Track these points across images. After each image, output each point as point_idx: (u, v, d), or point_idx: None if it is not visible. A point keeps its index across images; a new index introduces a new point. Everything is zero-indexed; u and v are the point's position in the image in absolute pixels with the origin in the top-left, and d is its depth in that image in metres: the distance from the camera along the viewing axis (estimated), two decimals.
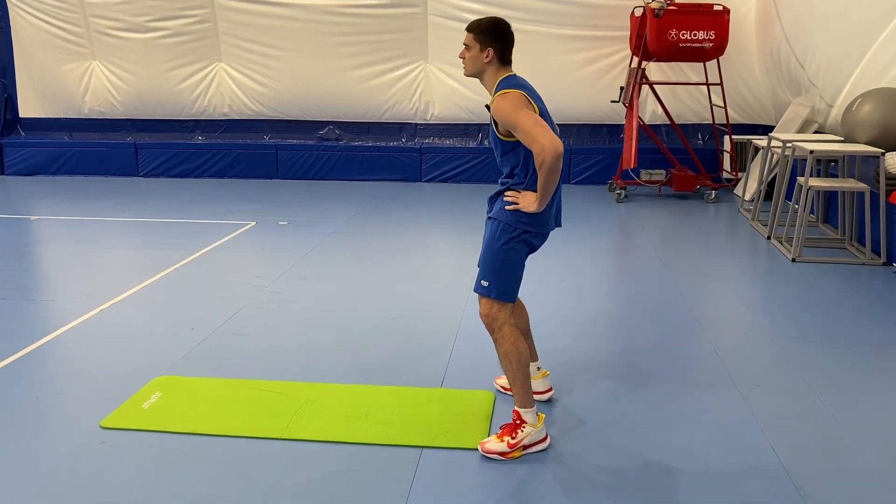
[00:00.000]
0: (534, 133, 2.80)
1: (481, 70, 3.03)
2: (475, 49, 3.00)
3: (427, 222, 7.53)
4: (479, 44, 2.99)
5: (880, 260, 5.84)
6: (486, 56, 2.99)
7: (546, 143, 2.77)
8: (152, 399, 3.57)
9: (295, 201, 8.47)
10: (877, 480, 2.92)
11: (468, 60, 3.04)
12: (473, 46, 3.01)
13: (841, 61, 6.88)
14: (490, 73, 3.03)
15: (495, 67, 3.02)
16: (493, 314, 3.08)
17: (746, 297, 5.15)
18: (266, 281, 5.45)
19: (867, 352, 4.22)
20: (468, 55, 3.03)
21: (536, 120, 2.84)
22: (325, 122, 10.08)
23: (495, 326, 3.08)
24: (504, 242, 3.03)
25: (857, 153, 5.89)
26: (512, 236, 3.02)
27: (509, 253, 3.04)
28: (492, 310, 3.08)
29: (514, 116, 2.85)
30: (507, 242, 3.03)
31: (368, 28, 9.51)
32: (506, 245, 3.03)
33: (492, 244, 3.08)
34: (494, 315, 3.07)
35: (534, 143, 2.80)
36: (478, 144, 9.79)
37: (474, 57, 3.02)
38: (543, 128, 2.81)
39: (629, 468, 3.01)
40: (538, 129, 2.81)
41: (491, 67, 3.02)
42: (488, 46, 2.99)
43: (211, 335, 4.42)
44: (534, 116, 2.85)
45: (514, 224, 3.02)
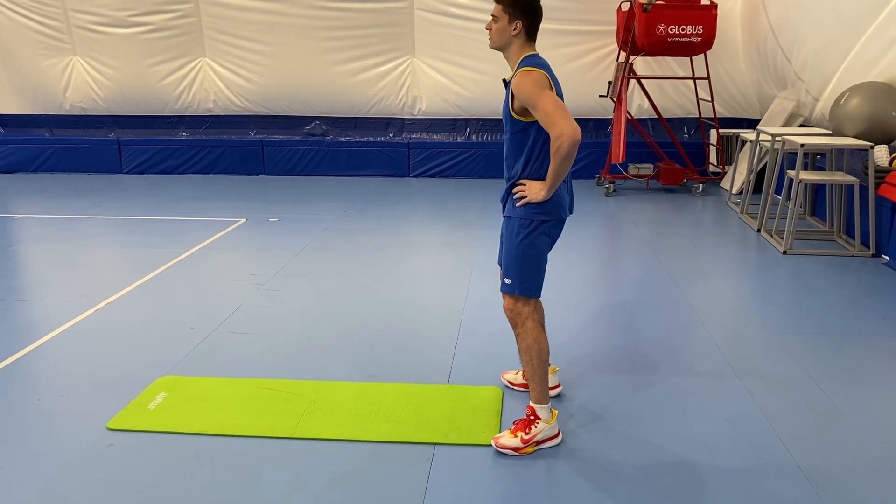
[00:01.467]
0: (555, 116, 2.75)
1: (507, 43, 2.97)
2: (503, 21, 2.93)
3: (419, 217, 7.52)
4: (507, 15, 2.92)
5: (869, 251, 5.93)
6: (514, 29, 2.93)
7: (566, 128, 2.73)
8: (157, 400, 3.54)
9: (283, 197, 8.41)
10: (887, 471, 2.96)
11: (494, 32, 2.97)
12: (501, 18, 2.93)
13: (828, 55, 6.97)
14: (516, 46, 2.97)
15: (521, 41, 2.97)
16: (516, 309, 3.08)
17: (742, 290, 5.20)
18: (262, 278, 5.41)
19: (863, 342, 4.29)
20: (495, 27, 2.96)
21: (558, 103, 2.80)
22: (312, 117, 10.02)
23: (518, 321, 3.09)
24: (523, 238, 3.03)
25: (847, 146, 5.97)
26: (529, 230, 3.02)
27: (529, 248, 3.04)
28: (515, 305, 3.08)
29: (537, 96, 2.81)
30: (526, 237, 3.03)
31: (355, 23, 9.45)
32: (525, 240, 3.03)
33: (510, 241, 3.08)
34: (518, 310, 3.08)
35: (553, 126, 2.76)
36: (465, 139, 9.78)
37: (502, 29, 2.94)
38: (564, 112, 2.77)
39: (643, 462, 3.03)
40: (559, 112, 2.76)
41: (517, 41, 2.96)
42: (517, 19, 2.92)
43: (211, 334, 4.38)
44: (556, 99, 2.81)
45: (529, 217, 3.02)
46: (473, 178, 9.55)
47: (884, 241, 5.86)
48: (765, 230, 6.65)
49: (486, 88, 9.52)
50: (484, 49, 9.41)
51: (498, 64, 9.39)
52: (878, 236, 5.91)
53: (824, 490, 2.82)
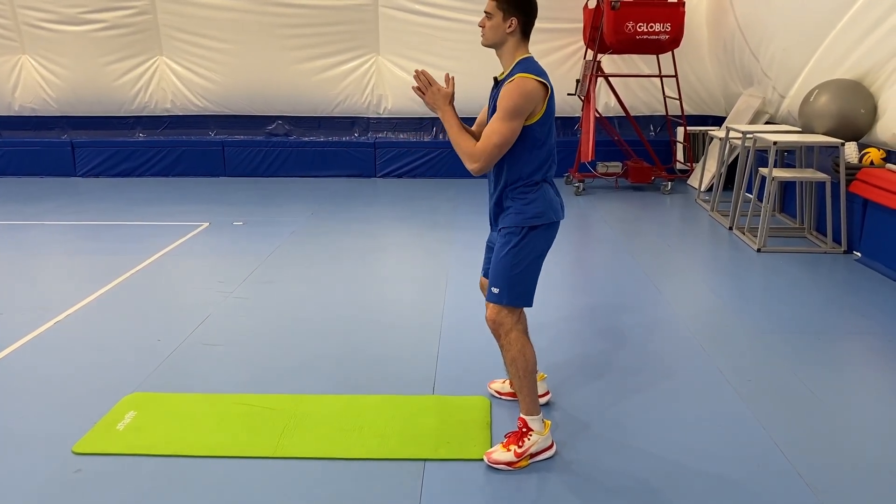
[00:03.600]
0: (492, 149, 2.77)
1: (502, 41, 2.86)
2: (497, 18, 2.83)
3: (389, 219, 7.36)
4: (502, 12, 2.81)
5: (841, 248, 5.96)
6: (509, 26, 2.83)
7: (483, 164, 2.79)
8: (126, 419, 3.34)
9: (247, 200, 8.18)
10: (886, 473, 2.92)
11: (488, 30, 2.86)
12: (496, 15, 2.83)
13: (795, 53, 7.00)
14: (510, 45, 2.87)
15: (517, 40, 2.86)
16: (499, 319, 2.95)
17: (720, 289, 5.17)
18: (230, 286, 5.21)
19: (846, 341, 4.28)
20: (489, 24, 2.85)
21: (506, 141, 2.77)
22: (274, 116, 9.77)
23: (501, 332, 2.97)
24: (513, 245, 2.92)
25: (818, 144, 5.99)
26: (520, 238, 2.91)
27: (518, 257, 2.92)
28: (499, 315, 2.95)
29: (510, 114, 2.73)
30: (516, 245, 2.91)
31: (317, 20, 9.25)
32: (514, 248, 2.91)
33: (500, 250, 2.96)
34: (501, 321, 2.95)
35: (483, 153, 2.78)
36: (432, 139, 9.64)
37: (496, 26, 2.84)
38: (499, 152, 2.78)
39: (640, 472, 2.94)
40: (496, 151, 2.78)
41: (512, 39, 2.86)
42: (512, 16, 2.82)
43: (180, 347, 4.17)
44: (510, 136, 2.76)
45: (519, 224, 2.91)
46: (441, 178, 9.42)
47: (855, 238, 5.90)
48: (737, 228, 6.65)
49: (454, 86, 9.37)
50: (450, 47, 9.38)
51: (465, 62, 9.33)
52: (850, 233, 5.94)
53: (826, 496, 2.76)
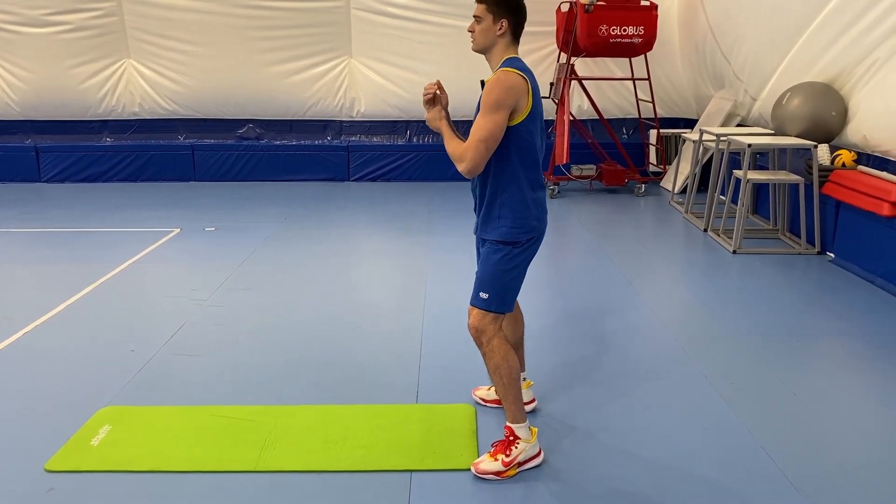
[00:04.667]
0: (478, 144, 2.70)
1: (492, 43, 2.82)
2: (487, 21, 2.79)
3: (364, 224, 7.28)
4: (492, 15, 2.78)
5: (815, 249, 6.02)
6: (500, 28, 2.79)
7: (471, 163, 2.72)
8: (101, 434, 3.23)
9: (218, 205, 8.03)
10: (873, 480, 2.93)
11: (479, 33, 2.82)
12: (486, 18, 2.79)
13: (767, 55, 7.07)
14: (501, 47, 2.83)
15: (507, 42, 2.83)
16: (482, 327, 2.91)
17: (699, 291, 5.18)
18: (204, 293, 5.10)
19: (825, 342, 4.31)
20: (479, 28, 2.81)
21: (492, 136, 2.71)
22: (245, 120, 9.63)
23: (483, 339, 2.92)
24: (504, 255, 2.88)
25: (791, 146, 6.05)
26: (505, 252, 2.87)
27: (505, 268, 2.88)
28: (482, 322, 2.91)
29: (493, 107, 2.69)
30: (504, 257, 2.88)
31: (288, 22, 9.14)
32: (503, 259, 2.88)
33: (487, 259, 2.92)
34: (484, 328, 2.90)
35: (469, 149, 2.72)
36: (406, 142, 9.58)
37: (486, 29, 2.80)
38: (487, 147, 2.72)
39: (629, 478, 2.91)
40: (483, 146, 2.71)
41: (503, 41, 2.82)
42: (502, 18, 2.78)
43: (154, 357, 4.06)
44: (495, 129, 2.70)
45: (507, 239, 2.87)
46: (415, 181, 9.36)
47: (828, 239, 5.96)
48: (712, 230, 6.69)
49: None
50: (423, 49, 9.33)
51: (438, 65, 9.29)
52: (824, 234, 6.01)
53: (814, 499, 2.76)
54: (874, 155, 5.87)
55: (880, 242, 5.21)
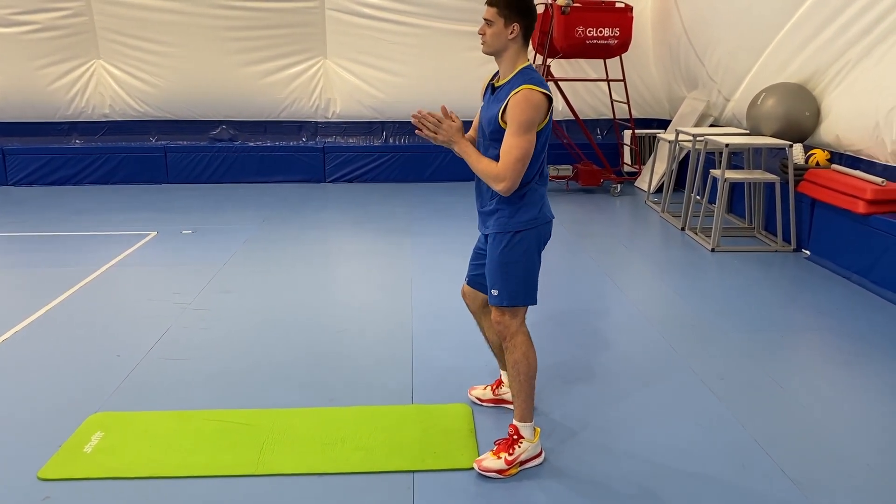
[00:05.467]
0: (514, 164, 2.73)
1: (504, 47, 2.82)
2: (498, 25, 2.78)
3: (345, 225, 7.25)
4: (503, 19, 2.77)
5: (790, 247, 6.14)
6: (511, 32, 2.79)
7: (510, 183, 2.75)
8: (94, 441, 3.17)
9: (193, 207, 7.93)
10: (867, 471, 3.00)
11: (490, 37, 2.81)
12: (497, 22, 2.78)
13: (741, 56, 7.20)
14: (513, 51, 2.83)
15: (518, 45, 2.83)
16: (504, 322, 2.94)
17: (682, 289, 5.25)
18: (188, 297, 5.03)
19: (809, 337, 4.40)
20: (490, 31, 2.81)
21: (527, 153, 2.75)
22: (218, 121, 9.52)
23: (507, 334, 2.95)
24: (504, 246, 2.90)
25: (768, 145, 6.16)
26: (507, 241, 2.90)
27: (510, 257, 2.90)
28: (502, 318, 2.93)
29: (524, 128, 2.72)
30: (507, 246, 2.90)
31: (262, 22, 9.06)
32: (506, 248, 2.90)
33: (492, 253, 2.94)
34: (506, 323, 2.94)
35: (505, 169, 2.73)
36: (383, 143, 9.56)
37: (497, 33, 2.79)
38: (523, 166, 2.75)
39: (629, 476, 2.94)
40: (520, 164, 2.74)
41: (514, 45, 2.82)
42: (514, 21, 2.77)
43: (141, 362, 4.00)
44: (529, 147, 2.74)
45: (509, 229, 2.89)
46: (393, 182, 9.34)
47: (804, 237, 6.09)
48: (689, 228, 6.79)
49: (402, 90, 9.35)
50: (399, 50, 9.32)
51: (413, 65, 9.29)
52: (799, 232, 6.13)
53: (812, 493, 2.82)
54: (846, 154, 6.01)
55: (856, 239, 5.34)
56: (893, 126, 5.33)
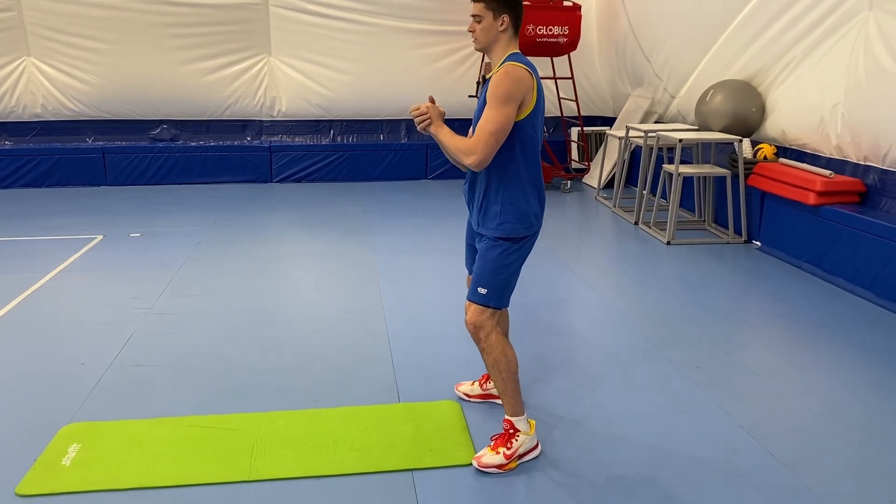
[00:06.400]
0: (488, 137, 2.71)
1: (495, 40, 2.81)
2: (488, 18, 2.78)
3: (299, 226, 7.11)
4: (492, 12, 2.77)
5: (742, 238, 6.35)
6: (501, 24, 2.78)
7: (482, 156, 2.73)
8: (71, 453, 3.02)
9: (137, 210, 7.64)
10: (842, 444, 3.12)
11: (480, 32, 2.81)
12: (486, 16, 2.78)
13: (686, 54, 7.39)
14: (503, 43, 2.82)
15: (509, 37, 2.83)
16: (480, 322, 2.91)
17: (645, 281, 5.36)
18: (147, 301, 4.85)
19: (773, 324, 4.55)
20: (479, 27, 2.80)
21: (502, 129, 2.72)
22: (158, 121, 9.21)
23: (482, 335, 2.92)
24: (503, 250, 2.90)
25: (718, 140, 6.34)
26: (503, 248, 2.90)
27: (506, 260, 2.91)
28: (480, 317, 2.91)
29: (502, 100, 2.69)
30: (502, 253, 2.90)
31: (203, 19, 8.81)
32: (505, 252, 2.90)
33: (485, 255, 2.93)
34: (482, 323, 2.91)
35: (478, 142, 2.72)
36: (330, 141, 9.43)
37: (487, 27, 2.79)
38: (497, 140, 2.73)
39: (625, 463, 2.98)
40: (494, 138, 2.72)
41: (505, 37, 2.82)
42: (503, 14, 2.77)
43: (109, 370, 3.83)
44: (505, 123, 2.71)
45: (509, 236, 2.89)
46: (342, 181, 9.22)
47: (754, 228, 6.29)
48: (642, 223, 6.93)
49: (350, 88, 9.26)
50: (346, 48, 9.22)
51: (361, 63, 9.20)
52: (749, 224, 6.34)
53: (802, 473, 2.91)
54: (792, 148, 6.25)
55: (806, 230, 5.55)
56: (838, 121, 5.57)
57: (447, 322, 4.56)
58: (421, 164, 9.35)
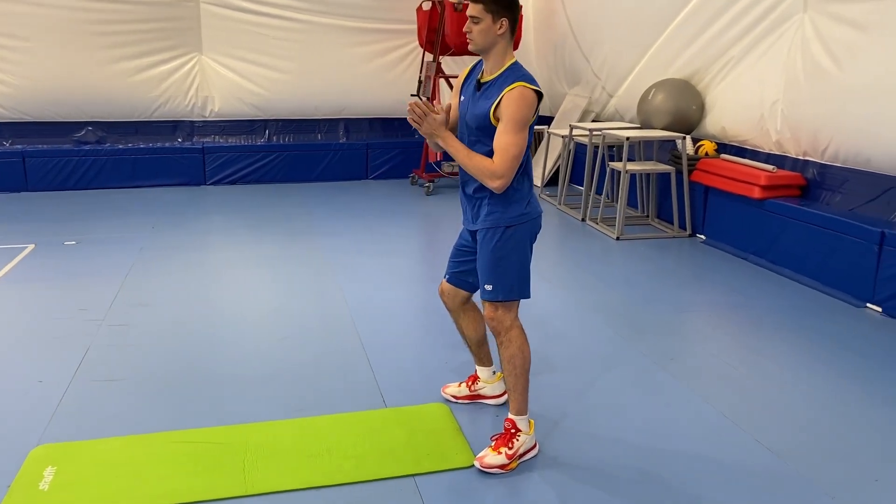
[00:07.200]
0: (510, 161, 2.73)
1: (493, 43, 2.78)
2: (486, 21, 2.74)
3: (243, 229, 6.90)
4: (490, 14, 2.73)
5: (686, 232, 6.55)
6: (500, 27, 2.75)
7: (507, 180, 2.75)
8: (47, 477, 2.83)
9: (68, 216, 7.25)
10: (825, 428, 3.26)
11: (478, 34, 2.77)
12: (484, 18, 2.74)
13: (625, 54, 7.57)
14: (501, 46, 2.79)
15: (507, 40, 2.80)
16: (497, 317, 2.90)
17: (602, 276, 5.45)
18: (98, 312, 4.61)
19: (732, 314, 4.71)
20: (477, 28, 2.76)
21: (524, 150, 2.77)
22: (83, 123, 8.76)
23: (501, 329, 2.92)
24: (497, 240, 2.89)
25: (663, 138, 6.52)
26: (500, 236, 2.88)
27: (502, 251, 2.89)
28: (496, 314, 2.90)
29: (518, 126, 2.71)
30: (500, 240, 2.89)
31: (130, 16, 8.45)
32: (499, 242, 2.88)
33: (484, 248, 2.91)
34: (500, 318, 2.91)
35: (501, 166, 2.73)
36: (266, 141, 9.20)
37: (486, 30, 2.75)
38: (517, 163, 2.76)
39: (621, 458, 3.02)
40: (514, 162, 2.75)
41: (503, 40, 2.79)
42: (502, 17, 2.74)
43: (71, 386, 3.62)
44: (523, 145, 2.76)
45: (502, 224, 2.88)
46: (279, 183, 9.01)
47: (698, 222, 6.50)
48: (589, 219, 7.06)
49: (286, 87, 9.07)
50: (281, 46, 9.02)
51: (297, 61, 9.03)
52: (694, 218, 6.54)
53: (789, 459, 3.02)
54: (731, 144, 6.49)
55: (751, 222, 5.77)
56: (778, 118, 5.81)
57: (417, 324, 4.52)
58: (361, 164, 9.24)
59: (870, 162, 5.07)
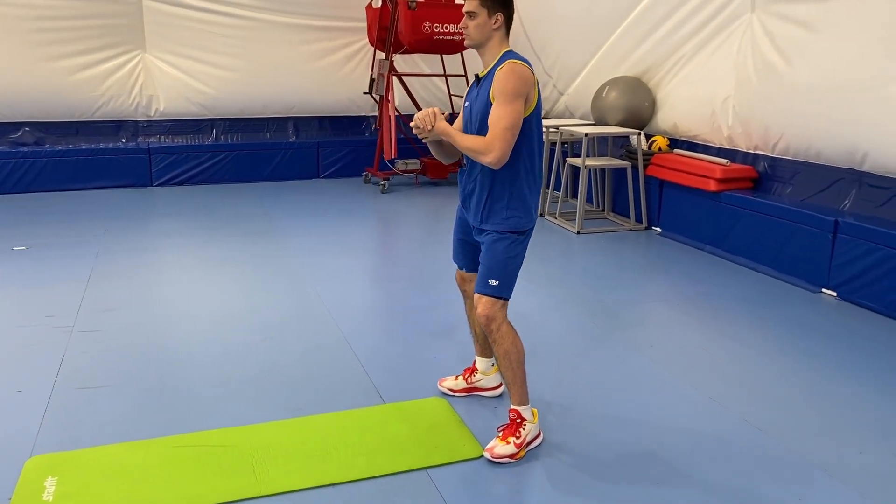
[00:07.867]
0: (504, 133, 2.73)
1: (488, 38, 2.84)
2: (482, 16, 2.79)
3: (200, 230, 6.74)
4: (486, 9, 2.79)
5: (643, 225, 6.76)
6: (495, 22, 2.81)
7: (499, 154, 2.75)
8: (49, 487, 2.74)
9: (11, 221, 6.94)
10: (804, 405, 3.44)
11: (474, 29, 2.82)
12: (480, 13, 2.79)
13: (577, 53, 7.74)
14: (496, 41, 2.85)
15: (502, 34, 2.86)
16: (492, 314, 2.95)
17: (568, 269, 5.59)
18: (66, 319, 4.46)
19: (698, 302, 4.90)
20: (473, 24, 2.81)
21: (516, 123, 2.77)
22: (19, 123, 8.41)
23: (494, 326, 2.97)
24: (511, 242, 2.96)
25: (618, 134, 6.71)
26: (511, 241, 2.96)
27: (513, 251, 2.98)
28: (493, 309, 2.95)
29: (511, 98, 2.73)
30: (509, 246, 2.96)
31: (68, 13, 8.16)
32: (509, 248, 2.96)
33: (494, 248, 2.97)
34: (494, 314, 2.95)
35: (494, 140, 2.74)
36: (214, 141, 9.01)
37: (482, 24, 2.80)
38: (512, 136, 2.76)
39: (624, 440, 3.13)
40: (509, 133, 2.75)
41: (497, 35, 2.85)
42: (497, 12, 2.81)
43: (53, 395, 3.50)
44: (518, 118, 2.76)
45: (512, 229, 2.96)
46: (229, 183, 8.85)
47: (654, 215, 6.72)
48: (548, 214, 7.20)
49: (234, 85, 8.91)
50: (227, 43, 8.87)
51: (245, 59, 8.88)
52: (649, 211, 6.76)
53: (777, 436, 3.18)
54: (683, 140, 6.72)
55: (707, 214, 6.00)
56: (729, 113, 6.06)
57: (398, 320, 4.54)
58: (312, 163, 9.16)
59: (820, 154, 5.35)
